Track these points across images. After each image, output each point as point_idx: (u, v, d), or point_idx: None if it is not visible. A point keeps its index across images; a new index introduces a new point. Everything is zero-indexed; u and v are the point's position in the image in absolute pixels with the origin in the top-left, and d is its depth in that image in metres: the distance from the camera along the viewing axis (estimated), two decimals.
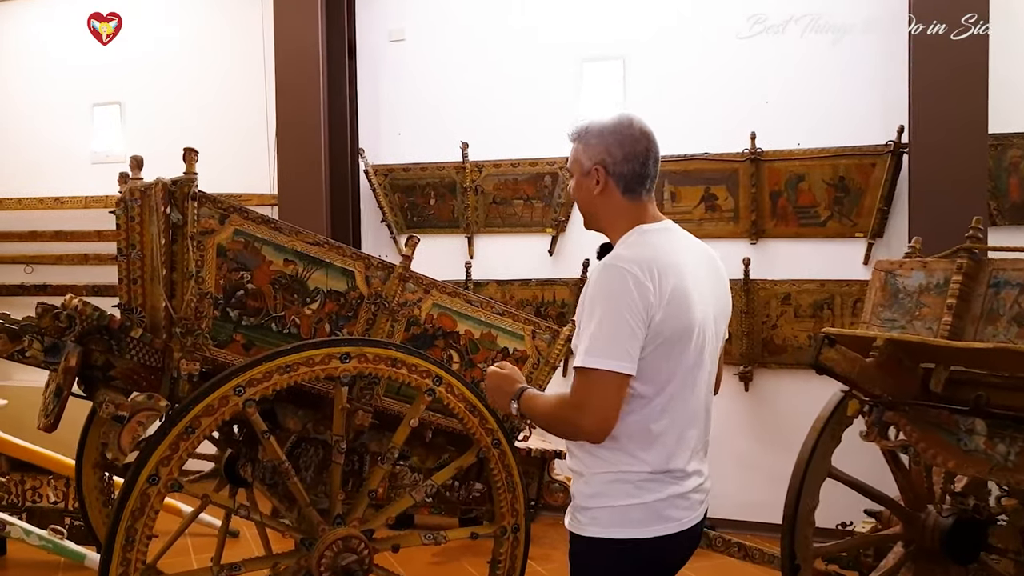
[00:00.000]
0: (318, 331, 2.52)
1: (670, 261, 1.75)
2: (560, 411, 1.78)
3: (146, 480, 2.13)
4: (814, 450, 2.56)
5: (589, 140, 1.87)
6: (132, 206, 2.53)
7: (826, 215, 4.28)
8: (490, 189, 4.93)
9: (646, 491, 1.78)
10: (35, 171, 5.78)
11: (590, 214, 1.93)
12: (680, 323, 1.74)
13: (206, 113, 5.49)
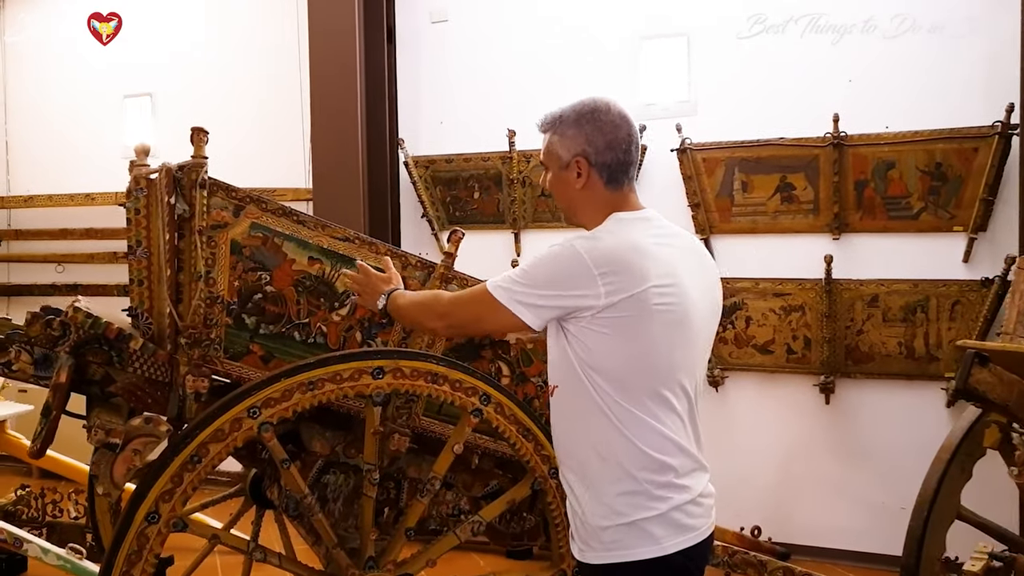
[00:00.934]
0: (348, 341, 2.18)
1: (647, 252, 1.65)
2: (434, 303, 1.86)
3: (144, 519, 1.80)
4: (940, 486, 2.15)
5: (565, 130, 1.77)
6: (138, 197, 2.20)
7: (919, 207, 3.82)
8: (539, 180, 4.53)
9: (661, 500, 1.65)
10: (66, 167, 5.58)
11: (571, 209, 1.83)
12: (673, 316, 1.65)
13: (239, 103, 5.23)
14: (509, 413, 2.16)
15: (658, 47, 4.28)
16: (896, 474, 3.93)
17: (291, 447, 2.29)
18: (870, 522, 4.01)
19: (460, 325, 1.86)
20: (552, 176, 1.82)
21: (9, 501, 3.72)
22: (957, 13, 3.76)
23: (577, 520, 1.74)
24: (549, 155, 1.81)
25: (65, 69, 5.64)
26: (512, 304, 1.68)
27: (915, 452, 3.93)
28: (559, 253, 1.67)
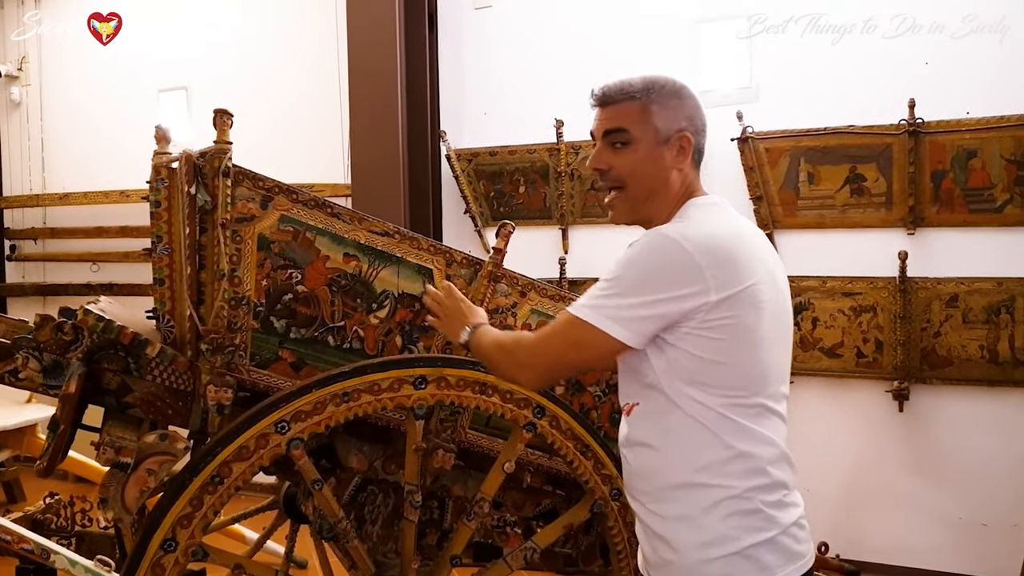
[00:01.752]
0: (387, 346, 1.97)
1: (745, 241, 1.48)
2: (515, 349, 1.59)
3: (160, 547, 1.61)
4: None
5: (666, 100, 1.56)
6: (158, 188, 2.01)
7: (1004, 199, 3.53)
8: (588, 173, 4.31)
9: (773, 521, 1.44)
10: (101, 163, 5.48)
11: (651, 194, 1.56)
12: (774, 312, 1.47)
13: (276, 96, 5.08)
14: (566, 427, 1.94)
15: (717, 30, 4.02)
16: (976, 488, 3.66)
17: (325, 463, 2.09)
18: (946, 539, 3.73)
19: (548, 368, 1.55)
20: (641, 151, 1.54)
21: (38, 509, 3.58)
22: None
23: (666, 559, 1.48)
24: (642, 125, 1.54)
25: (99, 64, 5.53)
26: (604, 323, 1.43)
27: (998, 464, 3.65)
28: (651, 246, 1.42)
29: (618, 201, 1.58)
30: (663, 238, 1.41)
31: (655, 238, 1.42)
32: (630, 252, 1.45)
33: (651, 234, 1.44)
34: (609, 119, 1.57)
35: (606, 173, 1.58)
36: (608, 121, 1.58)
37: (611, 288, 1.44)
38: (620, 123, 1.55)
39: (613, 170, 1.56)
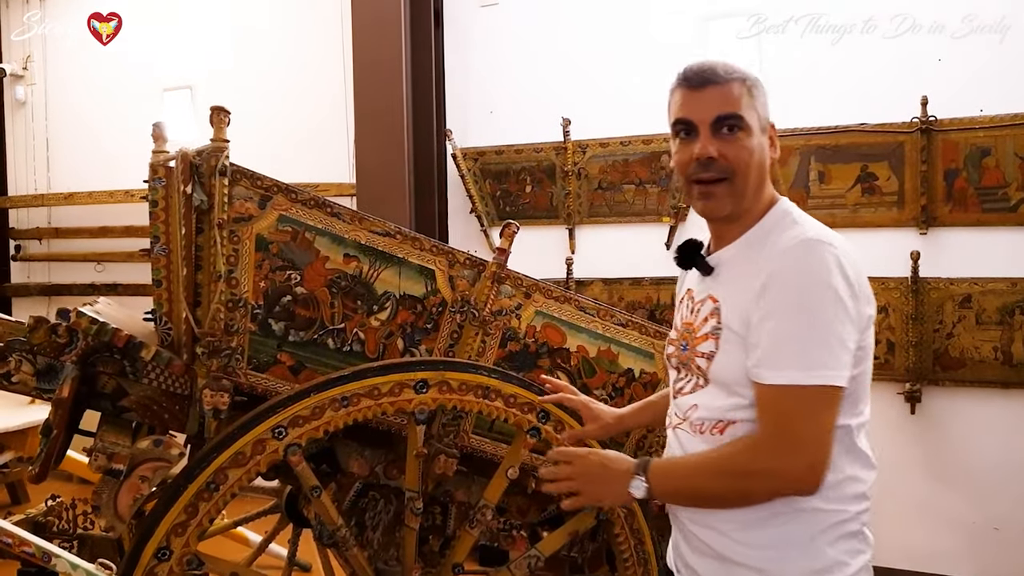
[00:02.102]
0: (388, 348, 1.93)
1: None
2: (747, 459, 1.31)
3: (154, 555, 1.57)
4: None
5: (761, 90, 1.46)
6: (155, 188, 1.97)
7: (1018, 197, 3.45)
8: (595, 172, 4.27)
9: (868, 541, 1.40)
10: (105, 163, 5.46)
11: (756, 187, 1.44)
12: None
13: (281, 95, 5.04)
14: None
15: (724, 27, 3.96)
16: (990, 492, 3.59)
17: (325, 467, 2.05)
18: (959, 543, 3.67)
19: (822, 460, 1.28)
20: (753, 138, 1.41)
21: (40, 512, 3.55)
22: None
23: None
24: (750, 110, 1.41)
25: (104, 64, 5.51)
26: (839, 376, 1.27)
27: (1012, 468, 3.58)
28: (826, 262, 1.28)
29: (721, 191, 1.41)
30: (829, 251, 1.29)
31: (824, 253, 1.29)
32: (801, 277, 1.29)
33: (815, 247, 1.30)
34: (718, 102, 1.41)
35: (711, 163, 1.40)
36: (718, 104, 1.41)
37: (816, 333, 1.27)
38: (732, 107, 1.40)
39: (723, 159, 1.40)
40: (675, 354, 1.53)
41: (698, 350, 1.43)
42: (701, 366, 1.42)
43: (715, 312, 1.41)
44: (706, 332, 1.42)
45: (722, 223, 1.47)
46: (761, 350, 1.30)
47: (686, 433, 1.46)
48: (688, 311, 1.51)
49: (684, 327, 1.50)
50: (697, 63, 1.46)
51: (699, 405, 1.43)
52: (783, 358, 1.28)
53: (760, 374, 1.30)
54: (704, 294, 1.47)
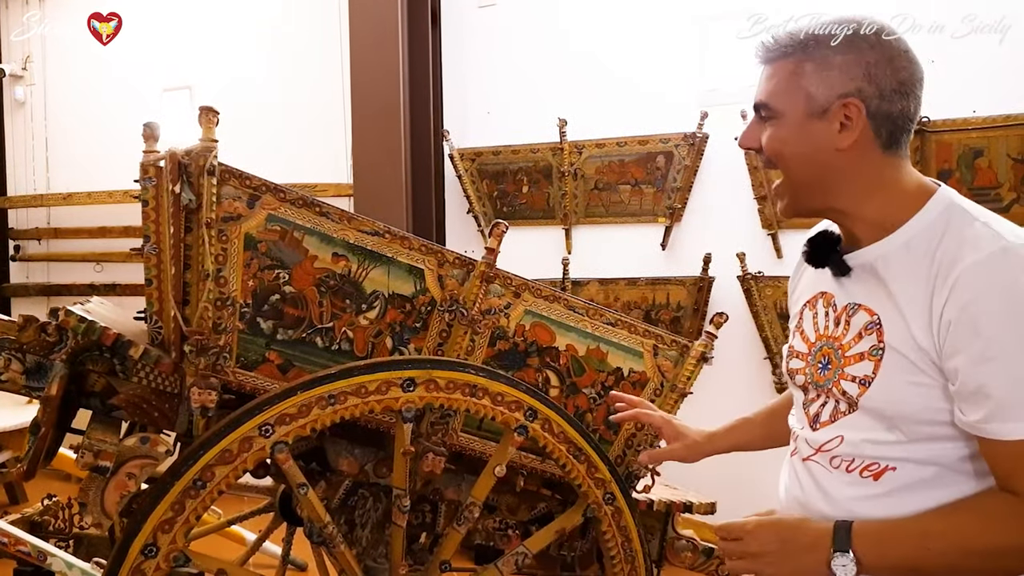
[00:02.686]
0: (377, 347, 1.93)
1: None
2: (1012, 532, 1.06)
3: (140, 552, 1.58)
4: None
5: (829, 55, 1.18)
6: (146, 187, 1.98)
7: (1011, 198, 3.47)
8: (592, 173, 4.29)
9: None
10: (104, 163, 5.47)
11: (819, 183, 1.22)
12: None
13: (279, 95, 5.06)
14: (558, 430, 1.90)
15: (722, 28, 3.97)
16: None
17: (315, 466, 2.06)
18: None
19: None
20: (787, 126, 1.21)
21: (36, 511, 3.56)
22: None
23: None
24: (787, 93, 1.20)
25: (103, 64, 5.53)
26: None
27: None
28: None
29: (780, 189, 1.28)
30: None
31: (1017, 261, 1.07)
32: (1001, 284, 1.07)
33: (1016, 253, 1.08)
34: (762, 86, 1.25)
35: (759, 153, 1.27)
36: (761, 88, 1.25)
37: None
38: (762, 94, 1.24)
39: (763, 149, 1.25)
40: (804, 371, 1.31)
41: (847, 372, 1.21)
42: (849, 391, 1.21)
43: (874, 328, 1.19)
44: (861, 351, 1.20)
45: (833, 219, 1.28)
46: (993, 400, 1.06)
47: (822, 468, 1.25)
48: (829, 320, 1.27)
49: (823, 340, 1.28)
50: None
51: (845, 439, 1.22)
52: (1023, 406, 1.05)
53: (995, 430, 1.07)
54: (852, 302, 1.24)
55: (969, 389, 1.08)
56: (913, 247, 1.17)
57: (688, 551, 2.33)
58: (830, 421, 1.24)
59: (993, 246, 1.08)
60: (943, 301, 1.09)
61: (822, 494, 1.24)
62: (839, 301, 1.27)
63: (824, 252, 1.27)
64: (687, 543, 2.33)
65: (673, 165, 4.07)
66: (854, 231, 1.25)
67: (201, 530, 3.04)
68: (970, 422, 1.09)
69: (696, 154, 4.00)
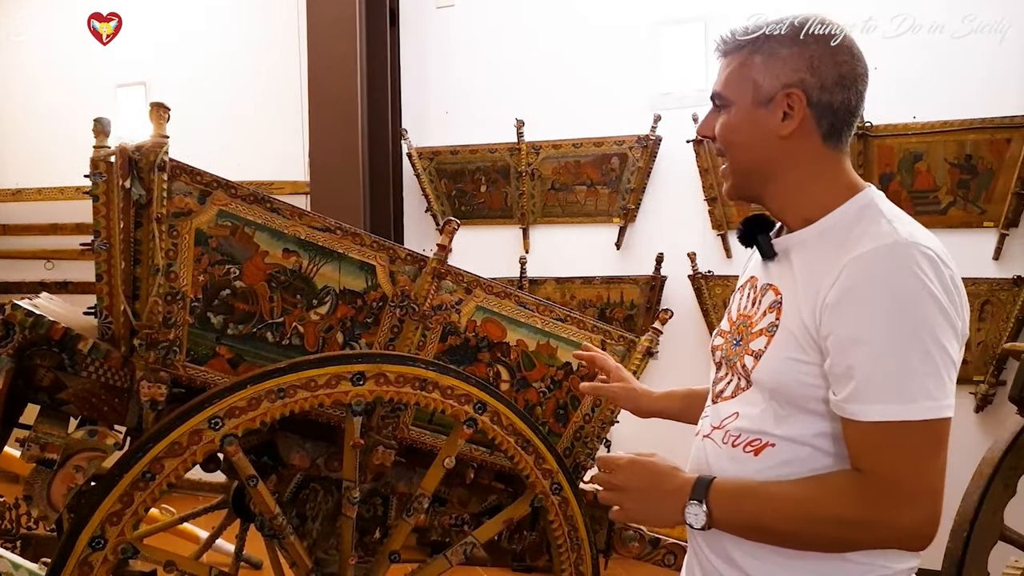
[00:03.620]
0: (328, 342, 1.96)
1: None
2: (852, 507, 1.10)
3: (88, 544, 1.59)
4: (981, 504, 1.91)
5: (776, 48, 1.24)
6: (96, 183, 1.99)
7: (948, 201, 3.59)
8: (548, 173, 4.34)
9: None
10: (56, 158, 5.39)
11: (759, 170, 1.27)
12: None
13: (236, 93, 5.03)
14: (507, 423, 1.94)
15: (675, 33, 4.04)
16: None
17: (266, 460, 2.08)
18: None
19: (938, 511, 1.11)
20: (738, 115, 1.26)
21: None
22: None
23: None
24: (737, 83, 1.25)
25: (55, 58, 5.45)
26: (946, 406, 1.09)
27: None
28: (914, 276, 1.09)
29: (726, 172, 1.32)
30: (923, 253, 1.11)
31: (919, 257, 1.10)
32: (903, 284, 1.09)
33: (907, 250, 1.11)
34: (718, 77, 1.31)
35: (713, 142, 1.32)
36: (717, 79, 1.31)
37: (925, 357, 1.08)
38: (719, 84, 1.30)
39: (716, 137, 1.30)
40: (722, 347, 1.35)
41: (750, 347, 1.25)
42: (747, 365, 1.24)
43: (775, 306, 1.24)
44: (762, 327, 1.25)
45: (765, 205, 1.31)
46: (856, 381, 1.10)
47: (713, 444, 1.28)
48: (748, 300, 1.33)
49: (740, 319, 1.32)
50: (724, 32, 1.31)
51: (740, 414, 1.26)
52: (881, 389, 1.08)
53: (853, 410, 1.10)
54: (767, 283, 1.29)
55: (839, 369, 1.12)
56: (827, 237, 1.22)
57: (635, 541, 2.38)
58: (731, 396, 1.29)
59: (885, 240, 1.13)
60: (830, 284, 1.14)
61: (706, 471, 1.26)
62: (760, 283, 1.31)
63: (752, 233, 1.32)
64: (634, 533, 2.37)
65: (627, 166, 4.14)
66: (784, 219, 1.30)
67: (153, 527, 3.03)
68: (836, 401, 1.14)
69: (649, 156, 4.07)
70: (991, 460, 2.03)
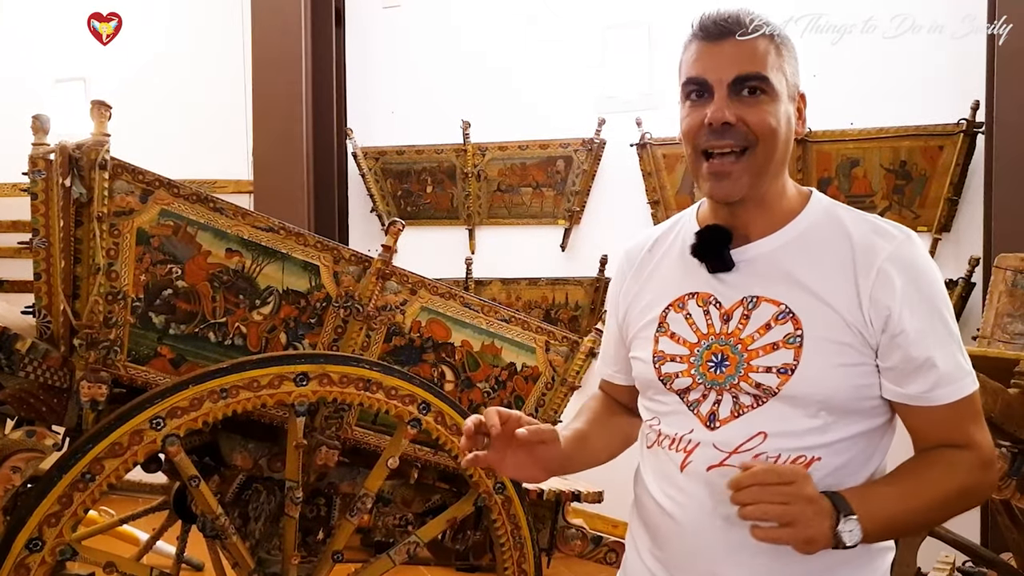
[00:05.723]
0: (271, 342, 1.96)
1: None
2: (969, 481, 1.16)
3: (25, 546, 1.57)
4: None
5: (791, 50, 1.22)
6: (35, 180, 1.96)
7: (884, 206, 3.69)
8: (494, 175, 4.37)
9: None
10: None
11: (778, 164, 1.21)
12: None
13: (180, 89, 4.94)
14: (451, 423, 1.97)
15: (620, 37, 4.10)
16: None
17: (209, 460, 2.07)
18: None
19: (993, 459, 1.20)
20: (778, 103, 1.19)
21: None
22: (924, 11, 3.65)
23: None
24: (775, 71, 1.19)
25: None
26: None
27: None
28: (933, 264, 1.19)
29: (739, 169, 1.18)
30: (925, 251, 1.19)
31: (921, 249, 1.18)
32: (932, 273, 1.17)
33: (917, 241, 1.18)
34: (739, 58, 1.18)
35: (727, 129, 1.17)
36: (739, 60, 1.18)
37: (958, 335, 1.18)
38: (755, 65, 1.18)
39: (743, 125, 1.17)
40: (687, 372, 1.23)
41: (757, 364, 1.17)
42: (765, 383, 1.16)
43: (784, 317, 1.17)
44: (772, 341, 1.17)
45: (741, 208, 1.21)
46: (938, 369, 1.13)
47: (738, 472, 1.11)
48: (715, 319, 1.23)
49: (711, 338, 1.22)
50: (717, 10, 1.21)
51: (769, 433, 1.16)
52: (955, 370, 1.15)
53: (940, 395, 1.15)
54: (748, 295, 1.21)
55: (918, 362, 1.13)
56: (810, 238, 1.20)
57: (578, 539, 2.42)
58: (732, 417, 1.18)
59: (899, 234, 1.17)
60: (870, 284, 1.14)
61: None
62: (724, 298, 1.23)
63: (715, 247, 1.23)
64: (576, 531, 2.42)
65: (572, 169, 4.19)
66: (757, 225, 1.23)
67: (92, 529, 2.98)
68: (913, 393, 1.14)
69: (594, 159, 4.13)
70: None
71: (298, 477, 1.81)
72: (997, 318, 1.97)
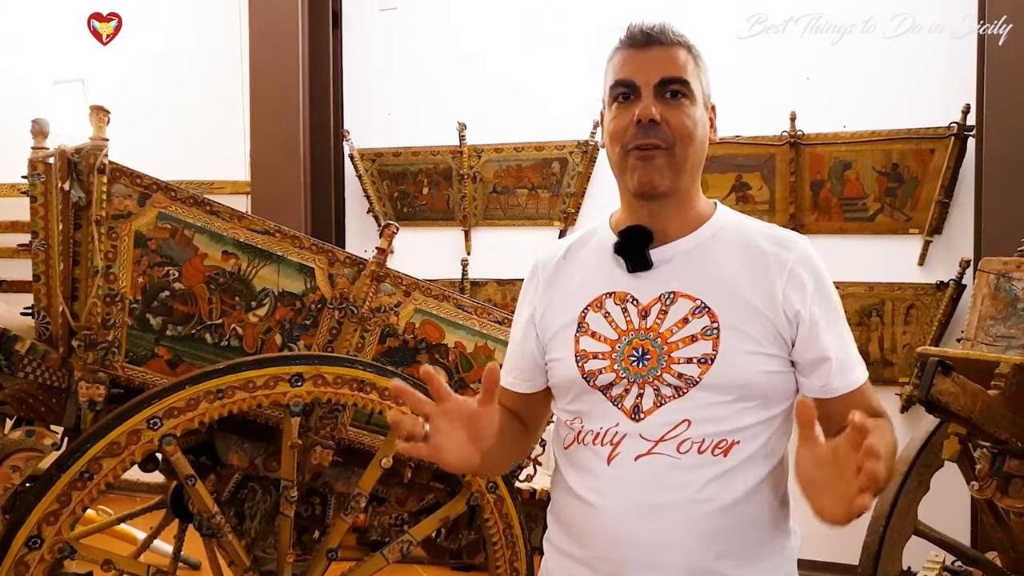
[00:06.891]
0: (267, 344, 1.99)
1: None
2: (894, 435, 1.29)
3: (24, 544, 1.60)
4: (896, 500, 2.02)
5: (704, 64, 1.35)
6: (34, 184, 1.99)
7: (876, 208, 3.72)
8: (490, 176, 4.40)
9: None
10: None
11: (693, 173, 1.30)
12: None
13: (178, 91, 4.96)
14: None
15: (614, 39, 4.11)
16: None
17: (205, 460, 2.10)
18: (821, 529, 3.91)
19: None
20: (696, 108, 1.30)
21: None
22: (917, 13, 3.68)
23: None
24: (694, 78, 1.31)
25: None
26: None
27: None
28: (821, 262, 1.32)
29: (661, 162, 1.27)
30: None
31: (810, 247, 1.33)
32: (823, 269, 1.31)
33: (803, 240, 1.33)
34: (664, 63, 1.29)
35: (652, 127, 1.26)
36: (663, 65, 1.29)
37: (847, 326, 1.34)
38: (678, 70, 1.29)
39: (666, 124, 1.27)
40: (610, 368, 1.29)
41: (678, 355, 1.25)
42: (687, 373, 1.24)
43: (700, 311, 1.26)
44: (692, 333, 1.25)
45: (661, 206, 1.29)
46: (836, 360, 1.25)
47: (667, 458, 1.23)
48: (633, 315, 1.30)
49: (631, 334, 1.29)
50: (642, 23, 1.33)
51: (692, 420, 1.23)
52: (854, 359, 1.29)
53: (841, 384, 1.26)
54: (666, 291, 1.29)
55: (815, 354, 1.25)
56: (723, 239, 1.31)
57: None
58: (655, 407, 1.25)
59: (800, 240, 1.32)
60: (784, 283, 1.26)
61: (671, 485, 1.23)
62: (642, 295, 1.30)
63: (638, 245, 1.30)
64: None
65: (567, 171, 4.22)
66: (675, 226, 1.31)
67: (90, 528, 3.01)
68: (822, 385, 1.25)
69: (588, 161, 4.16)
70: (906, 459, 2.15)
71: (293, 476, 1.84)
72: (980, 321, 2.01)
